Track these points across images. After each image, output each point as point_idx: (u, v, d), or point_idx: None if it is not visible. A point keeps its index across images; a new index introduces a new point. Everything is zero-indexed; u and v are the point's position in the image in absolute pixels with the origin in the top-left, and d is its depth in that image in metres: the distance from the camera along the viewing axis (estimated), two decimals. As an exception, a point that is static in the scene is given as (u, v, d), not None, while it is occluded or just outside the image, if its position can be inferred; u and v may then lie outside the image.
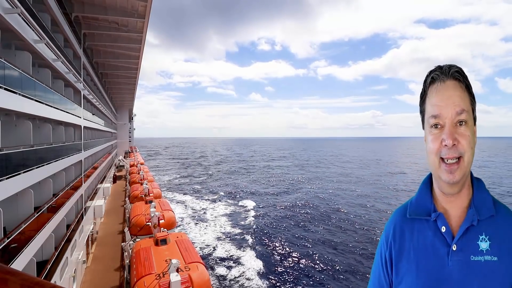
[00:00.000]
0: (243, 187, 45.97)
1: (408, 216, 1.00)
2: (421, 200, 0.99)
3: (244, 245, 22.00)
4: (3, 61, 6.48)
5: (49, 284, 0.48)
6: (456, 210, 0.92)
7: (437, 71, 0.91)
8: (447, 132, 0.86)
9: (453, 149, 0.85)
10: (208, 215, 30.15)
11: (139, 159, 43.48)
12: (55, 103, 10.91)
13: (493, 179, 49.13)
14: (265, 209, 32.30)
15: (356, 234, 23.87)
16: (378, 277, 1.04)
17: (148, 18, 16.78)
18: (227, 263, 19.00)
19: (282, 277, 17.20)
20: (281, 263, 19.06)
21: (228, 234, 24.38)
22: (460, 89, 0.88)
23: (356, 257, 19.58)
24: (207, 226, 26.51)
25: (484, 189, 0.93)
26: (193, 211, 31.71)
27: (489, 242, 0.85)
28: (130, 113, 61.12)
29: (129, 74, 29.50)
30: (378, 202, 34.85)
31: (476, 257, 0.85)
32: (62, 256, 10.44)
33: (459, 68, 0.90)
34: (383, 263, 1.03)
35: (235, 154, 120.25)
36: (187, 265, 10.54)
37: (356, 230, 24.78)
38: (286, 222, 27.67)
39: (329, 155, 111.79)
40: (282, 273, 17.72)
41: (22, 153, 7.64)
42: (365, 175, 56.43)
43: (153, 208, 15.32)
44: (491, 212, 0.88)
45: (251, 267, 18.29)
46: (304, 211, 31.20)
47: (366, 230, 24.61)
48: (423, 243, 0.94)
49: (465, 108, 0.87)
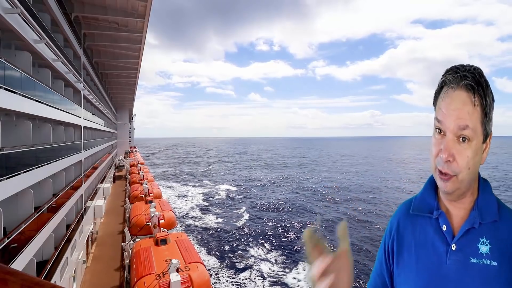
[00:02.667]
0: (244, 186, 46.01)
1: (411, 211, 1.01)
2: (425, 197, 1.00)
3: (244, 245, 22.00)
4: (3, 61, 6.48)
5: (49, 284, 0.48)
6: (459, 210, 0.92)
7: (451, 74, 0.83)
8: (445, 145, 0.83)
9: (447, 164, 0.83)
10: (208, 215, 30.17)
11: (139, 159, 43.49)
12: (55, 103, 10.91)
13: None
14: (265, 209, 32.30)
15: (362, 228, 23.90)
16: (380, 265, 1.08)
17: (148, 18, 16.78)
18: (227, 263, 19.00)
19: (283, 276, 17.20)
20: (282, 261, 19.05)
21: (228, 234, 24.39)
22: (470, 104, 0.79)
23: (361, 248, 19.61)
24: (207, 226, 26.52)
25: (490, 192, 0.91)
26: (193, 210, 31.75)
27: (489, 246, 0.84)
28: (130, 113, 61.10)
29: (129, 74, 29.49)
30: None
31: (475, 260, 0.84)
32: (62, 256, 10.44)
33: (474, 76, 0.80)
34: (385, 252, 1.06)
35: (238, 153, 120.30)
36: (187, 265, 10.55)
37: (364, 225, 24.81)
38: (286, 221, 27.69)
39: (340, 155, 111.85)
40: (282, 272, 17.72)
41: (22, 153, 7.65)
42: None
43: (153, 208, 15.32)
44: (494, 217, 0.87)
45: (251, 267, 18.29)
46: (308, 210, 31.22)
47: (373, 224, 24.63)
48: (424, 239, 0.95)
49: (471, 125, 0.80)
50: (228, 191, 42.41)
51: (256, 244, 22.12)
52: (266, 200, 36.64)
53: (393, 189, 42.96)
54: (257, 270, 17.81)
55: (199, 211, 31.82)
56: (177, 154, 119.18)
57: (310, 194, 39.75)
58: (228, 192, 42.10)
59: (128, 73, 29.06)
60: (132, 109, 61.45)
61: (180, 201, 36.33)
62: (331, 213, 30.28)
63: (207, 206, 34.02)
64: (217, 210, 32.03)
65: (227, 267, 18.40)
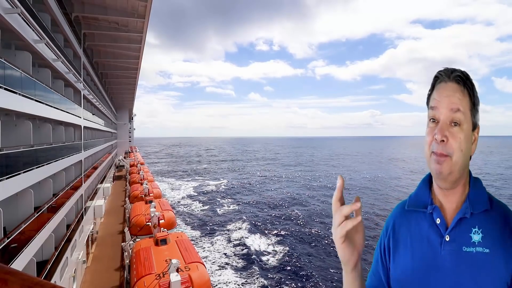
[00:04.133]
0: (244, 186, 46.02)
1: (406, 208, 1.07)
2: (420, 194, 1.05)
3: (245, 244, 21.99)
4: (3, 61, 6.48)
5: (49, 284, 0.47)
6: (451, 204, 0.97)
7: (441, 72, 0.95)
8: (439, 127, 0.91)
9: (441, 145, 0.89)
10: (208, 215, 30.18)
11: (139, 159, 43.50)
12: (55, 103, 10.91)
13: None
14: (266, 208, 32.31)
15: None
16: (376, 263, 1.12)
17: (148, 18, 16.79)
18: (227, 262, 19.00)
19: (284, 275, 17.20)
20: (283, 261, 19.05)
21: (228, 234, 24.39)
22: (460, 92, 0.91)
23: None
24: (207, 226, 26.52)
25: (481, 187, 0.97)
26: (193, 210, 31.75)
27: (481, 235, 0.89)
28: (130, 113, 61.12)
29: (129, 74, 29.50)
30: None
31: (468, 248, 0.89)
32: (62, 256, 10.44)
33: (463, 72, 0.93)
34: (381, 250, 1.10)
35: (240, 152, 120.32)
36: (187, 265, 10.55)
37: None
38: (287, 220, 27.70)
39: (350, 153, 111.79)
40: (283, 271, 17.72)
41: (22, 153, 7.65)
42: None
43: (153, 208, 15.33)
44: (485, 206, 0.92)
45: (251, 267, 18.29)
46: (306, 209, 31.21)
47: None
48: (419, 233, 1.00)
49: (461, 109, 0.90)
50: (228, 191, 42.42)
51: (257, 244, 22.11)
52: (268, 200, 36.64)
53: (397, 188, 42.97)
54: (257, 270, 17.80)
55: (199, 211, 31.82)
56: (177, 154, 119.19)
57: (315, 193, 39.72)
58: (229, 192, 42.10)
59: (128, 73, 29.07)
60: (132, 109, 61.46)
61: (180, 201, 36.34)
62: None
63: (207, 206, 34.00)
64: (217, 210, 32.01)
65: (227, 267, 18.40)
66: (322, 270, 18.08)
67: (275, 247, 21.60)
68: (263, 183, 49.38)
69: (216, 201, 36.28)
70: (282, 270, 18.05)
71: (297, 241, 22.73)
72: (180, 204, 35.03)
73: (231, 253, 20.61)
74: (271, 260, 19.40)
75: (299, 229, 25.59)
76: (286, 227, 26.06)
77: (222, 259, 19.52)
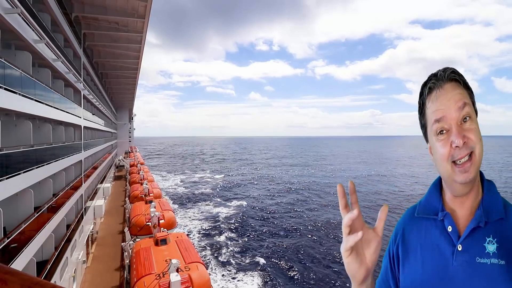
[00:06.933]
0: (244, 185, 46.00)
1: (416, 215, 1.01)
2: (430, 200, 1.00)
3: (245, 244, 22.00)
4: (3, 61, 6.48)
5: (49, 284, 0.48)
6: (464, 210, 0.91)
7: (432, 80, 0.90)
8: (455, 132, 0.84)
9: (464, 147, 0.83)
10: (208, 214, 30.17)
11: (139, 159, 43.48)
12: (55, 103, 10.91)
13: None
14: (267, 208, 32.30)
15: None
16: (385, 272, 1.07)
17: (148, 18, 16.78)
18: (227, 263, 18.99)
19: (284, 275, 17.20)
20: (283, 261, 19.04)
21: (228, 234, 24.39)
22: (458, 87, 0.88)
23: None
24: (207, 226, 26.52)
25: (495, 191, 0.91)
26: (193, 210, 31.74)
27: (496, 245, 0.82)
28: (130, 113, 61.06)
29: (129, 74, 29.49)
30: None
31: (482, 259, 0.83)
32: (62, 256, 10.44)
33: (450, 68, 0.91)
34: (390, 259, 1.05)
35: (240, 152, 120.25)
36: (187, 265, 10.55)
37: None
38: (287, 220, 27.69)
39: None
40: (284, 271, 17.72)
41: (22, 153, 7.65)
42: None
43: (153, 208, 15.33)
44: (500, 215, 0.86)
45: (252, 266, 18.29)
46: (307, 209, 31.20)
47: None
48: (430, 241, 0.94)
49: (467, 101, 0.87)
50: (229, 191, 42.38)
51: (257, 244, 22.11)
52: (268, 199, 36.63)
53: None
54: (257, 270, 17.80)
55: (200, 211, 31.80)
56: (177, 153, 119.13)
57: (316, 193, 39.72)
58: (229, 191, 42.07)
59: (128, 73, 29.06)
60: (132, 109, 61.41)
61: (180, 201, 36.32)
62: (334, 213, 30.27)
63: (207, 206, 33.99)
64: (218, 210, 31.98)
65: (227, 267, 18.39)
66: (326, 272, 18.05)
67: (276, 247, 21.59)
68: (263, 183, 49.33)
69: (216, 201, 36.25)
70: (283, 270, 18.04)
71: (300, 241, 22.71)
72: (180, 204, 35.02)
73: (232, 253, 20.60)
74: (272, 260, 19.38)
75: (303, 228, 25.54)
76: (289, 227, 26.04)
77: (222, 259, 19.52)
